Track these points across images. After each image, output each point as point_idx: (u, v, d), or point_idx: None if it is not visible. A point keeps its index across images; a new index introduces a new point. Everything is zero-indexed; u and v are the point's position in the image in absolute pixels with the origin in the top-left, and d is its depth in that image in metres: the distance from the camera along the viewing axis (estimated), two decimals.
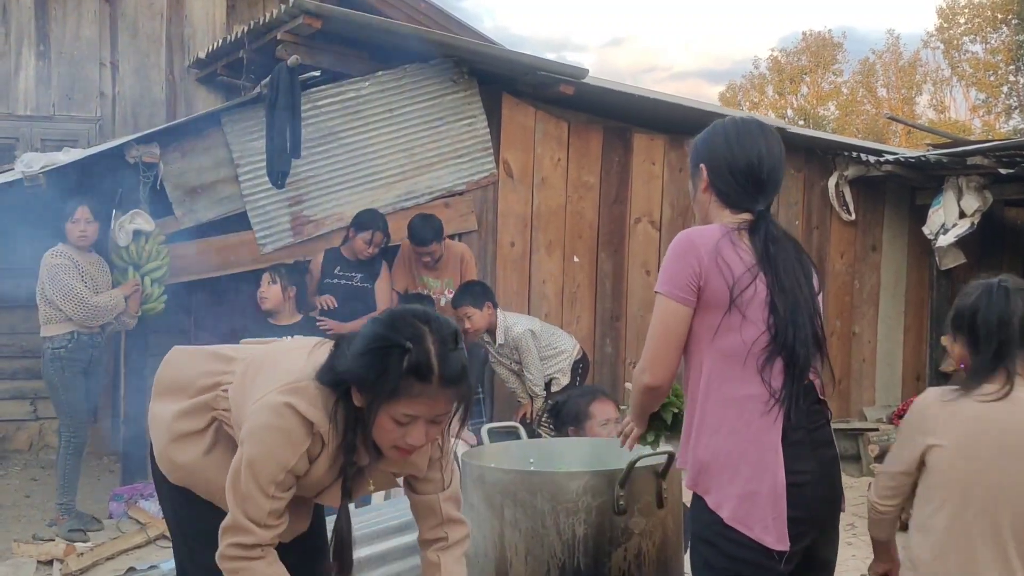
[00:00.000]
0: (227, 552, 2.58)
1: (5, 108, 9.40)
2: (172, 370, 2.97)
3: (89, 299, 6.62)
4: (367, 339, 2.52)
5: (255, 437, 2.54)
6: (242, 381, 2.72)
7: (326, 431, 2.55)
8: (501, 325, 7.20)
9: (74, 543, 6.19)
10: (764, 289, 2.74)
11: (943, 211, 8.47)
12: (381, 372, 2.46)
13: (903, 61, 34.53)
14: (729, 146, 2.93)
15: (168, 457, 2.84)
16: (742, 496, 2.68)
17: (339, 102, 7.78)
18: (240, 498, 2.55)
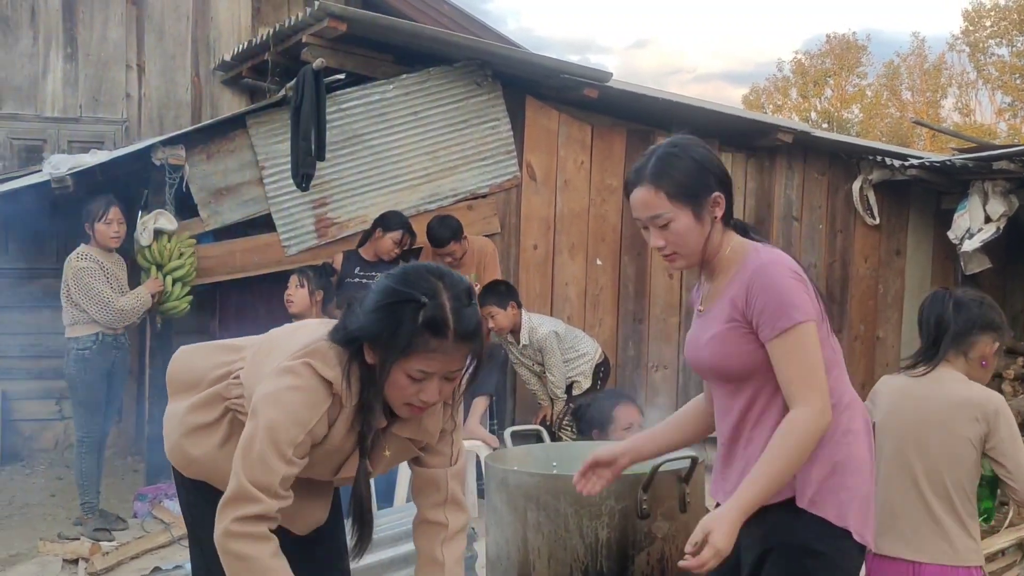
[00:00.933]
0: (232, 528, 2.44)
1: (33, 110, 9.47)
2: (181, 368, 2.95)
3: (115, 302, 6.66)
4: (380, 294, 2.49)
5: (272, 399, 2.46)
6: (254, 361, 2.70)
7: (343, 391, 2.50)
8: (526, 326, 7.19)
9: (99, 542, 6.23)
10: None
11: (968, 216, 8.43)
12: (395, 327, 2.43)
13: (928, 64, 34.36)
14: (721, 166, 2.81)
15: (182, 450, 2.81)
16: (865, 499, 2.73)
17: (363, 105, 7.81)
18: (250, 465, 2.44)
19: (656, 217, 2.73)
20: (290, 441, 2.45)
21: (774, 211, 9.12)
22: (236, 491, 2.46)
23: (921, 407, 3.50)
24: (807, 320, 2.64)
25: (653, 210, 2.73)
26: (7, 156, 9.40)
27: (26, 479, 8.55)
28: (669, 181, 2.71)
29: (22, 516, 7.41)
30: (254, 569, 2.46)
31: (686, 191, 2.71)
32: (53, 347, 8.83)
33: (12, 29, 9.41)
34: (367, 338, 2.48)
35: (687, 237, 2.73)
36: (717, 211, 2.73)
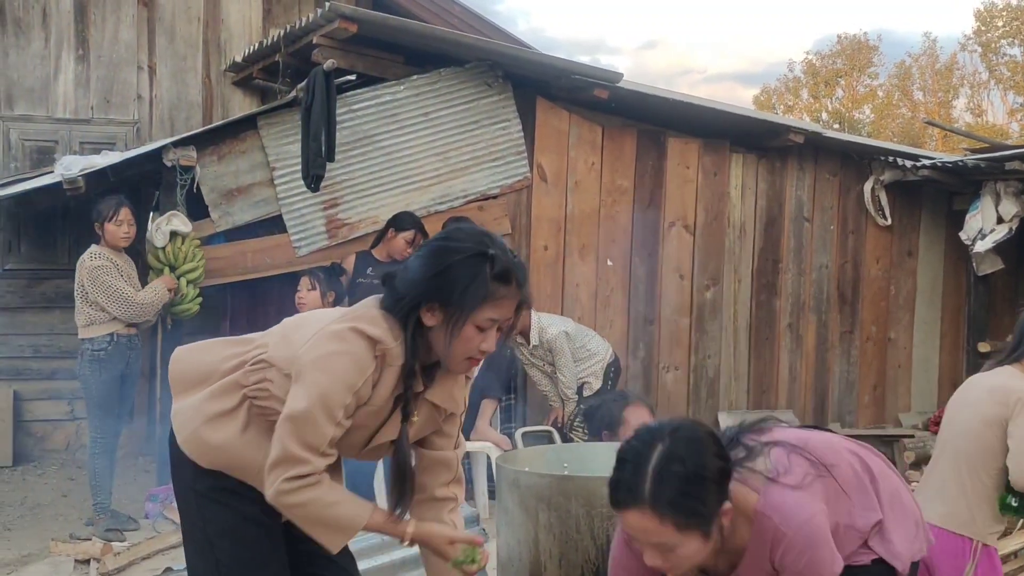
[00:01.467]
0: (283, 487, 2.57)
1: (44, 111, 9.49)
2: (186, 366, 2.92)
3: (134, 297, 6.68)
4: (439, 255, 2.62)
5: (320, 364, 2.55)
6: (283, 338, 2.73)
7: (390, 350, 2.59)
8: (535, 326, 7.18)
9: (111, 542, 6.24)
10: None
11: (981, 216, 8.41)
12: (469, 281, 2.57)
13: (940, 64, 34.24)
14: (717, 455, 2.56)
15: (200, 439, 2.76)
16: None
17: (374, 106, 7.81)
18: (299, 427, 2.54)
19: (659, 544, 2.47)
20: (339, 403, 2.55)
21: (785, 212, 9.10)
22: (284, 454, 2.56)
23: (968, 391, 3.92)
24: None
25: (657, 538, 2.45)
26: (19, 157, 9.42)
27: (38, 480, 8.57)
28: (674, 508, 2.41)
29: (34, 516, 7.43)
30: (313, 511, 2.61)
31: (695, 517, 2.43)
32: (65, 348, 8.87)
33: (24, 31, 9.43)
34: (433, 298, 2.60)
35: (693, 558, 2.50)
36: (726, 520, 2.52)
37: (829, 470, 2.66)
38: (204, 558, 2.83)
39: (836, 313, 9.28)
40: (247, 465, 2.73)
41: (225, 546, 2.77)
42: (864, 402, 9.37)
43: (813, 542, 2.52)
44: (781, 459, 2.64)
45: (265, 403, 2.71)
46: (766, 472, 2.59)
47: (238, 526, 2.76)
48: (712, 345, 8.85)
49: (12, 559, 6.30)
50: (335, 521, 2.63)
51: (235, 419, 2.75)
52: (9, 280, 9.28)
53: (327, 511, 2.61)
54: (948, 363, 9.61)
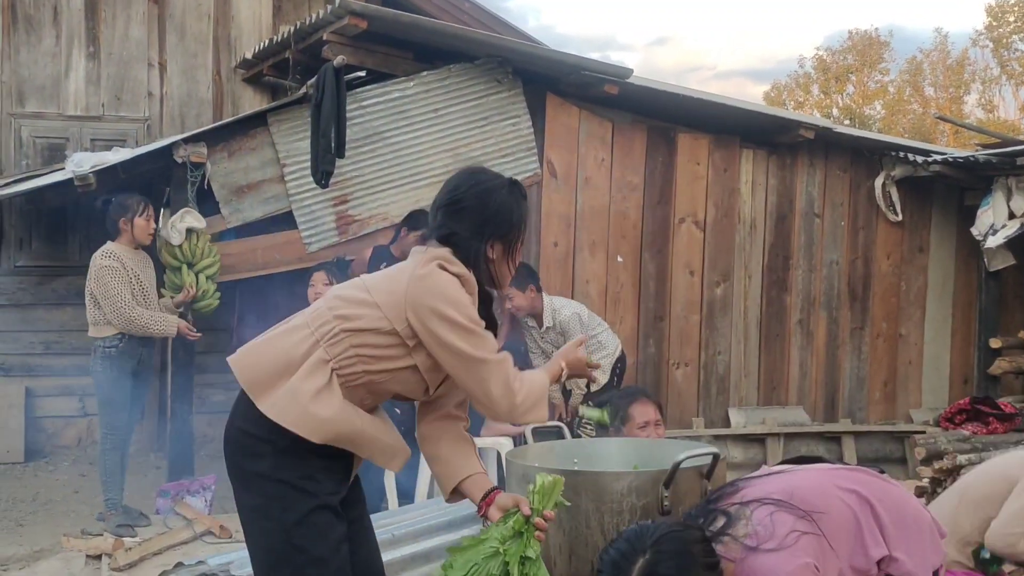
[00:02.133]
0: (517, 400, 2.89)
1: (56, 108, 9.53)
2: (260, 366, 2.93)
3: (128, 309, 6.60)
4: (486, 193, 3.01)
5: (442, 292, 2.83)
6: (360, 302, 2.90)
7: (471, 280, 2.93)
8: (548, 308, 7.16)
9: (122, 538, 6.26)
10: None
11: (992, 212, 8.39)
12: (515, 208, 3.02)
13: (951, 60, 34.09)
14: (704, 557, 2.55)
15: (312, 416, 2.83)
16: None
17: (384, 102, 7.82)
18: (478, 344, 2.84)
19: None
20: (474, 316, 2.87)
21: (796, 208, 9.09)
22: (490, 368, 2.86)
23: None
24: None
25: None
26: (30, 155, 9.45)
27: (49, 476, 8.60)
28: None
29: (46, 512, 7.46)
30: (532, 395, 2.93)
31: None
32: (76, 344, 8.90)
33: (35, 28, 9.46)
34: (498, 233, 2.99)
35: None
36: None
37: (816, 521, 2.62)
38: (279, 550, 2.87)
39: (847, 309, 9.27)
40: (355, 431, 2.89)
41: (304, 533, 2.84)
42: (875, 398, 9.35)
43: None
44: (763, 520, 2.62)
45: (350, 370, 2.87)
46: (744, 540, 2.57)
47: (316, 514, 2.85)
48: (722, 341, 8.84)
49: (24, 554, 6.33)
50: (542, 390, 2.97)
51: (333, 392, 2.87)
52: (20, 277, 9.31)
53: (536, 387, 2.95)
54: (959, 359, 9.59)
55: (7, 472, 8.63)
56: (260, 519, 2.92)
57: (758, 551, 2.55)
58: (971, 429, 7.47)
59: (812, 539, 2.60)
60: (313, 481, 2.87)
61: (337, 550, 2.89)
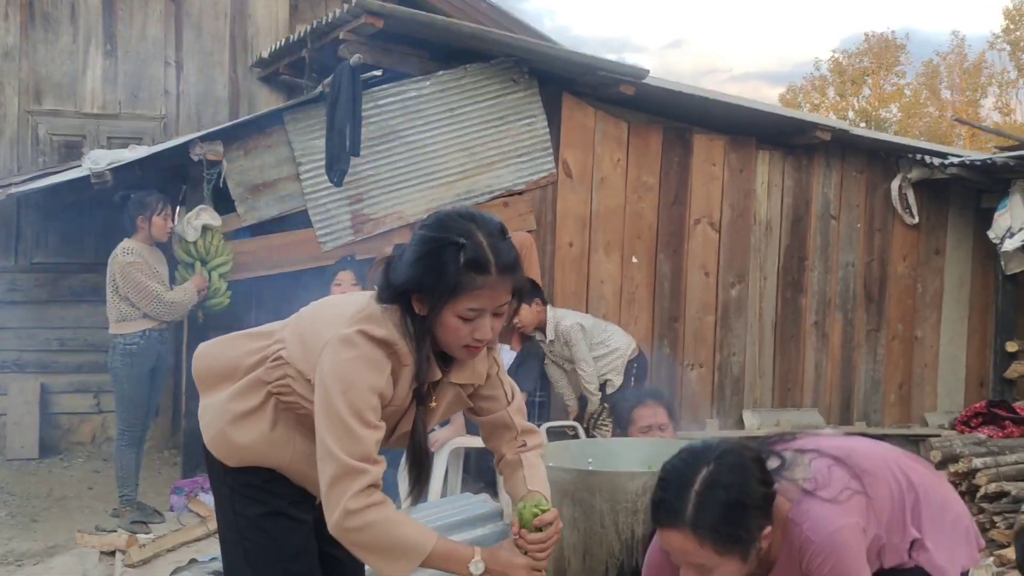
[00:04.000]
0: (350, 506, 2.47)
1: (73, 106, 9.56)
2: (210, 362, 2.89)
3: (164, 295, 6.74)
4: (418, 244, 2.55)
5: (338, 372, 2.51)
6: (299, 338, 2.69)
7: (402, 348, 2.56)
8: (551, 320, 7.15)
9: (136, 535, 6.28)
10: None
11: (1009, 215, 8.36)
12: (440, 272, 2.50)
13: (968, 63, 33.99)
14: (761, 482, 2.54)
15: (227, 439, 2.75)
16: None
17: (400, 101, 7.82)
18: (343, 441, 2.48)
19: (699, 566, 2.48)
20: (368, 406, 2.51)
21: (812, 210, 9.06)
22: (340, 470, 2.48)
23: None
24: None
25: (696, 560, 2.47)
26: (47, 152, 9.49)
27: (64, 472, 8.63)
28: (715, 534, 2.43)
29: (60, 508, 7.48)
30: (384, 530, 2.51)
31: (734, 542, 2.44)
32: (92, 341, 8.94)
33: (52, 26, 9.50)
34: (413, 288, 2.54)
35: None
36: (765, 543, 2.51)
37: (865, 486, 2.61)
38: (234, 550, 2.83)
39: (862, 311, 9.23)
40: (279, 462, 2.74)
41: (255, 539, 2.76)
42: (890, 401, 9.31)
43: (839, 550, 2.49)
44: (821, 470, 2.62)
45: (289, 398, 2.69)
46: (803, 483, 2.57)
47: (267, 520, 2.76)
48: (737, 343, 8.82)
49: (38, 550, 6.35)
50: (401, 543, 2.52)
51: (262, 418, 2.73)
52: (36, 274, 9.35)
53: (394, 531, 2.51)
54: (975, 362, 9.54)
55: (22, 468, 8.66)
56: (218, 516, 2.90)
57: (815, 496, 2.55)
58: (987, 432, 7.45)
59: (862, 499, 2.59)
60: (262, 489, 2.77)
61: (294, 557, 2.78)
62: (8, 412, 9.05)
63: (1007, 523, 6.06)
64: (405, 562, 2.53)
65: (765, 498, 2.50)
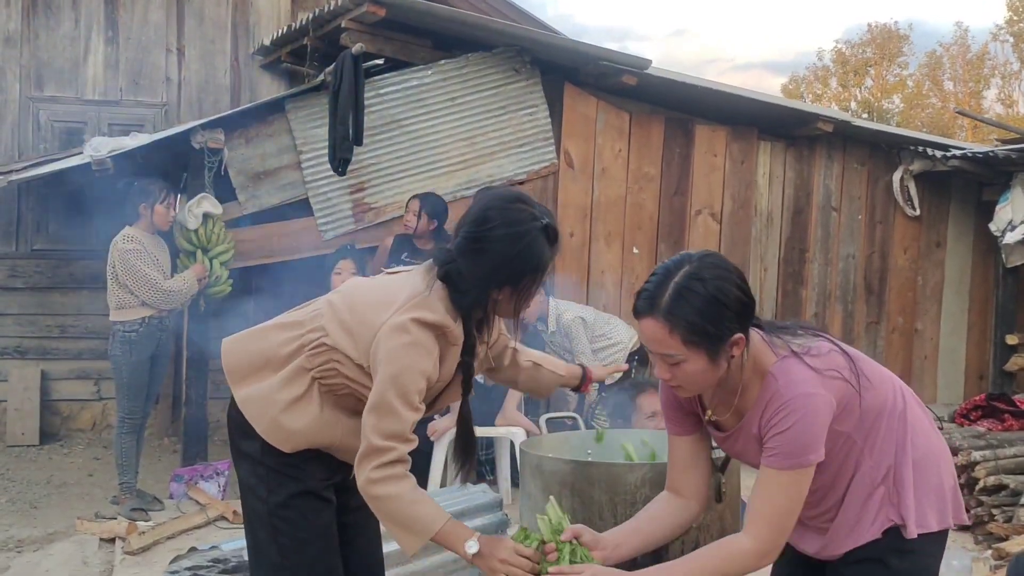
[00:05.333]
0: (372, 475, 2.67)
1: (74, 93, 9.55)
2: (241, 356, 2.98)
3: (162, 284, 6.74)
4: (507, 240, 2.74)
5: (392, 356, 2.68)
6: (341, 325, 2.81)
7: (453, 329, 2.76)
8: (552, 312, 7.16)
9: (135, 522, 6.29)
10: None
11: (1011, 208, 8.35)
12: (538, 257, 2.78)
13: (971, 54, 33.94)
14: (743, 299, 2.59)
15: (281, 427, 2.86)
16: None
17: (402, 90, 7.81)
18: (383, 419, 2.67)
19: (667, 356, 2.55)
20: (415, 390, 2.70)
21: (813, 201, 9.06)
22: (371, 446, 2.68)
23: None
24: (813, 463, 2.53)
25: (664, 348, 2.54)
26: (48, 138, 9.49)
27: (64, 459, 8.64)
28: (684, 324, 2.49)
29: (60, 495, 7.49)
30: (402, 503, 2.69)
31: (702, 336, 2.50)
32: (92, 328, 8.94)
33: (54, 12, 9.48)
34: (508, 283, 2.77)
35: (697, 378, 2.57)
36: (735, 351, 2.55)
37: (861, 387, 2.60)
38: (263, 529, 2.93)
39: (862, 303, 9.24)
40: (331, 441, 2.89)
41: (286, 516, 2.88)
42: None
43: (803, 415, 2.49)
44: (821, 347, 2.64)
45: (333, 380, 2.83)
46: (796, 347, 2.61)
47: (300, 499, 2.89)
48: None
49: (38, 537, 6.36)
50: (414, 519, 2.69)
51: (311, 402, 2.86)
52: (37, 260, 9.35)
53: (409, 508, 2.68)
54: (975, 355, 9.55)
55: (22, 454, 8.67)
56: (249, 497, 2.98)
57: (800, 359, 2.57)
58: (986, 426, 7.44)
59: (847, 390, 2.59)
60: (298, 468, 2.89)
61: (322, 536, 2.92)
62: (8, 398, 9.06)
63: (1005, 516, 6.06)
64: (414, 536, 2.70)
65: (741, 304, 2.55)
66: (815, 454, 2.51)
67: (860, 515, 2.66)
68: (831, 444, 2.57)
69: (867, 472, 2.66)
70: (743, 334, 2.54)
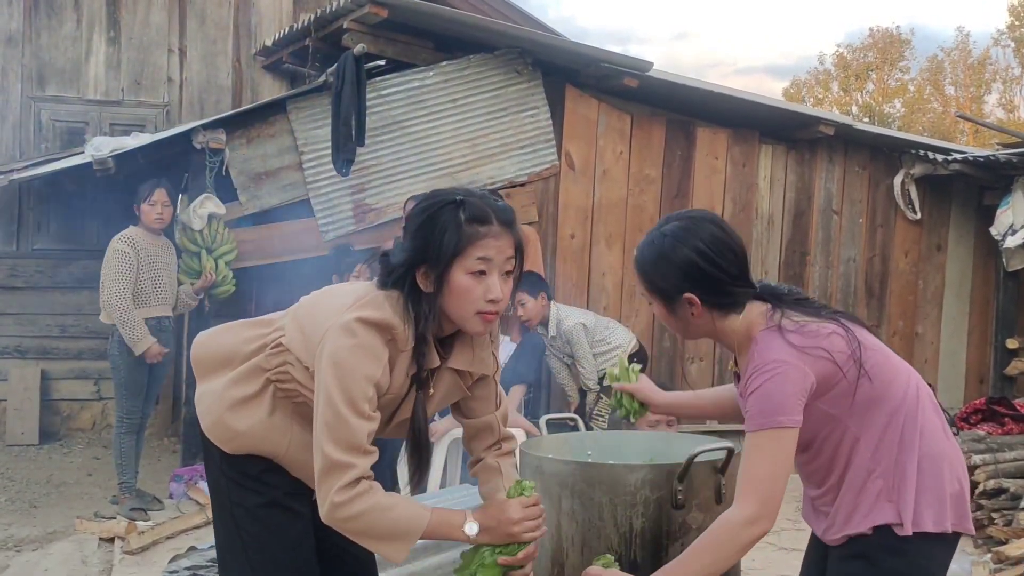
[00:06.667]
0: (336, 499, 2.47)
1: (75, 92, 9.56)
2: (208, 349, 2.88)
3: (117, 299, 6.58)
4: (416, 216, 2.59)
5: (335, 361, 2.49)
6: (299, 326, 2.67)
7: (400, 332, 2.53)
8: (553, 317, 7.16)
9: (135, 522, 6.29)
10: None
11: (1011, 212, 8.35)
12: (444, 231, 2.51)
13: (972, 59, 33.97)
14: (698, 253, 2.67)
15: (225, 425, 2.74)
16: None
17: (403, 91, 7.82)
18: (333, 432, 2.47)
19: (644, 294, 2.84)
20: (362, 397, 2.48)
21: (814, 204, 9.06)
22: (327, 463, 2.48)
23: None
24: (786, 426, 2.54)
25: (641, 288, 2.84)
26: (49, 138, 9.49)
27: (64, 458, 8.64)
28: (642, 274, 2.78)
29: (59, 494, 7.49)
30: (376, 514, 2.50)
31: (653, 286, 2.76)
32: (92, 328, 8.93)
33: (56, 12, 9.49)
34: (418, 260, 2.55)
35: (667, 321, 2.82)
36: (694, 310, 2.69)
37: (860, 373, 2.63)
38: (231, 540, 2.82)
39: (863, 307, 9.24)
40: (275, 449, 2.73)
41: (252, 530, 2.75)
42: None
43: (771, 377, 2.53)
44: (820, 331, 2.64)
45: (288, 386, 2.68)
46: (787, 321, 2.64)
47: (265, 511, 2.75)
48: None
49: (37, 536, 6.36)
50: (394, 526, 2.53)
51: (260, 404, 2.72)
52: (38, 260, 9.36)
53: (386, 516, 2.51)
54: (975, 358, 9.55)
55: (22, 454, 8.67)
56: (216, 507, 2.87)
57: (782, 331, 2.61)
58: (986, 429, 7.44)
59: (832, 370, 2.60)
60: (260, 481, 2.75)
61: (292, 549, 2.77)
62: (8, 398, 9.06)
63: (1005, 520, 6.06)
64: (400, 543, 2.54)
65: (692, 266, 2.65)
66: (786, 416, 2.53)
67: (856, 502, 2.66)
68: (819, 423, 2.63)
69: (863, 461, 2.66)
70: (695, 296, 2.66)
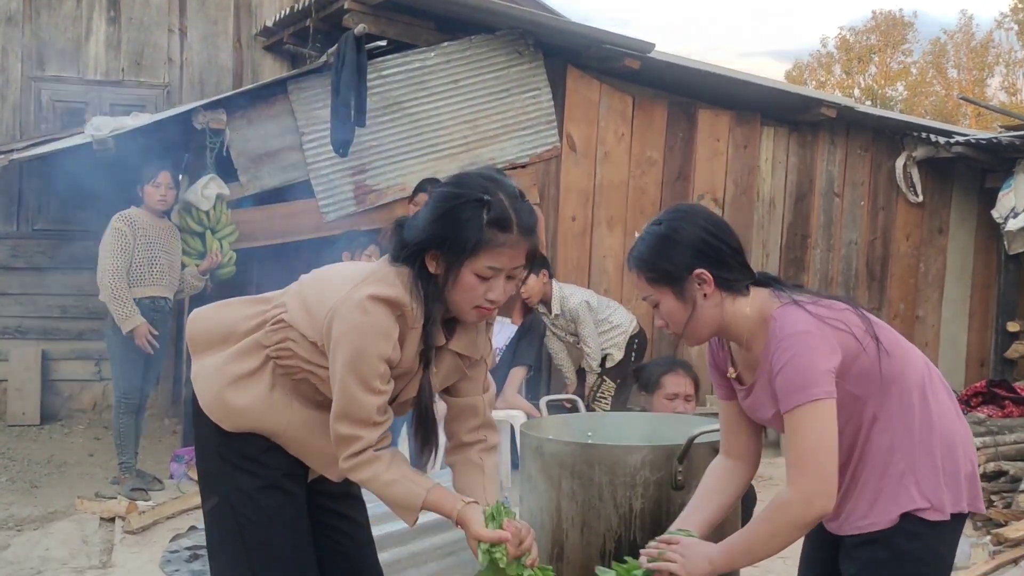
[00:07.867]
0: (344, 466, 2.61)
1: (75, 72, 9.52)
2: (205, 325, 2.87)
3: (109, 277, 6.62)
4: (439, 201, 2.57)
5: (347, 338, 2.52)
6: (302, 302, 2.67)
7: (411, 310, 2.55)
8: (556, 296, 7.16)
9: (136, 501, 6.30)
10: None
11: (1014, 194, 8.35)
12: (463, 227, 2.51)
13: (975, 42, 33.85)
14: (703, 229, 2.67)
15: (224, 402, 2.72)
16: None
17: (404, 72, 7.79)
18: (343, 407, 2.55)
19: (647, 299, 2.74)
20: (374, 373, 2.53)
21: (815, 187, 9.04)
22: (336, 436, 2.59)
23: None
24: (822, 398, 2.50)
25: (643, 292, 2.74)
26: (49, 118, 9.46)
27: (65, 439, 8.65)
28: (646, 265, 2.69)
29: (60, 475, 7.50)
30: (374, 488, 2.63)
31: (658, 272, 2.67)
32: (93, 308, 8.91)
33: None
34: (433, 246, 2.55)
35: (675, 317, 2.71)
36: (706, 288, 2.64)
37: (878, 352, 2.60)
38: (225, 522, 2.79)
39: (864, 290, 9.23)
40: (275, 427, 2.72)
41: (248, 512, 2.74)
42: None
43: (799, 350, 2.50)
44: (834, 305, 2.64)
45: (289, 362, 2.68)
46: (799, 297, 2.63)
47: (262, 493, 2.74)
48: None
49: (38, 516, 6.36)
50: (393, 501, 2.63)
51: (260, 380, 2.71)
52: (38, 240, 9.34)
53: (385, 490, 2.62)
54: (976, 342, 9.55)
55: (23, 434, 8.68)
56: (208, 490, 2.85)
57: (800, 304, 2.59)
58: (987, 412, 7.45)
59: (853, 343, 2.59)
60: (258, 462, 2.74)
61: (288, 531, 2.77)
62: (9, 378, 9.06)
63: (1005, 502, 6.07)
64: (404, 514, 2.65)
65: (700, 241, 2.63)
66: (820, 388, 2.49)
67: (880, 486, 2.64)
68: (842, 406, 2.56)
69: (884, 442, 2.64)
70: (707, 271, 2.62)
